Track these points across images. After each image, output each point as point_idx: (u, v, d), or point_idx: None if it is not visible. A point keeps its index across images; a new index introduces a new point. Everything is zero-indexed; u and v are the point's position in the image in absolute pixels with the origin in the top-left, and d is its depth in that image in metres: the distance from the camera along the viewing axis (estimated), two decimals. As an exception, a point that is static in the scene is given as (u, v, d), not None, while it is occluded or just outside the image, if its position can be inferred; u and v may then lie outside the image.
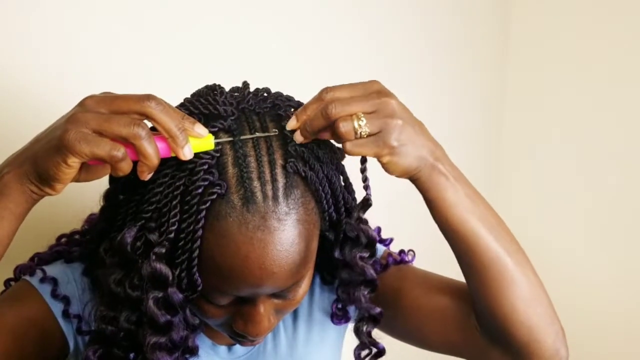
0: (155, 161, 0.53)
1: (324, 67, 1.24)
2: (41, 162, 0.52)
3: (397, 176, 0.61)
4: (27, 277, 0.68)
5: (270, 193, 0.56)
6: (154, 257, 0.56)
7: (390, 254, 0.78)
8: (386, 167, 0.60)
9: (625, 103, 1.53)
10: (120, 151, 0.51)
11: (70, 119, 0.52)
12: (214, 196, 0.55)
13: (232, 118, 0.59)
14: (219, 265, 0.57)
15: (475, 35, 1.61)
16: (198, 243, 0.56)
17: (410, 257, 0.80)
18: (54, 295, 0.67)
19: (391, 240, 0.84)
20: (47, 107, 0.88)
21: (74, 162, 0.52)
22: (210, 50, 1.07)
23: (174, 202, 0.56)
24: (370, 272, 0.67)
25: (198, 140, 0.56)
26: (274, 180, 0.57)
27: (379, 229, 0.83)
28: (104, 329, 0.61)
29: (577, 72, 1.60)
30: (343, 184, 0.65)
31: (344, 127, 0.56)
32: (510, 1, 1.65)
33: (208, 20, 1.06)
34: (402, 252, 0.80)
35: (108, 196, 0.65)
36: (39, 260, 0.72)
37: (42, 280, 0.67)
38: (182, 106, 0.61)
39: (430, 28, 1.49)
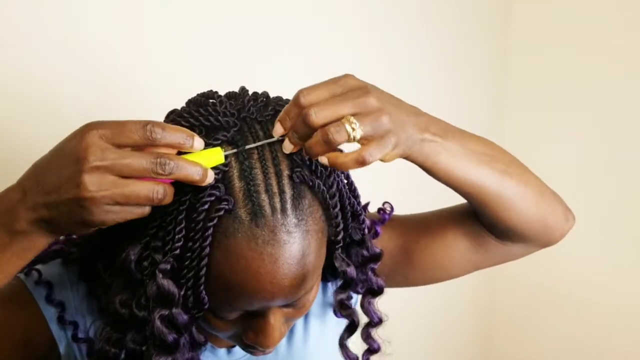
0: (195, 174, 0.52)
1: (322, 65, 1.24)
2: (74, 231, 0.52)
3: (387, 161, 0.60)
4: (23, 277, 0.66)
5: (278, 206, 0.55)
6: (160, 275, 0.55)
7: (373, 221, 0.78)
8: (384, 161, 0.58)
9: (627, 99, 1.54)
10: (146, 210, 0.51)
11: (90, 199, 0.48)
12: (221, 212, 0.54)
13: (235, 129, 0.57)
14: (228, 281, 0.55)
15: (476, 32, 1.62)
16: (205, 261, 0.55)
17: (389, 209, 0.79)
18: (49, 300, 0.65)
19: (367, 204, 0.83)
20: (47, 106, 0.87)
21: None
22: (210, 52, 1.06)
23: (180, 218, 0.55)
24: (379, 282, 0.67)
25: (208, 156, 0.54)
26: (281, 192, 0.55)
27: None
28: (107, 351, 0.60)
29: (578, 66, 1.61)
30: (348, 188, 0.64)
31: (337, 133, 0.53)
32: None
33: (207, 21, 1.05)
34: (380, 210, 0.80)
35: None
36: (36, 258, 0.69)
37: (37, 282, 0.66)
38: (180, 117, 0.58)
39: (431, 26, 1.49)
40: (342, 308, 0.64)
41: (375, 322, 0.70)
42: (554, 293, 1.71)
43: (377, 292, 0.68)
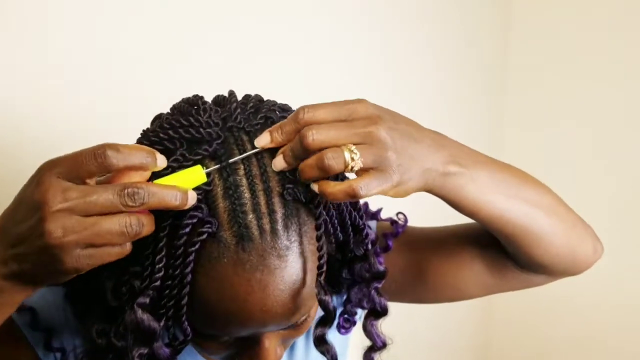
0: (172, 199, 0.47)
1: (322, 65, 1.22)
2: (51, 280, 0.48)
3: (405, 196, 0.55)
4: None
5: (267, 227, 0.50)
6: (138, 310, 0.50)
7: (385, 234, 0.74)
8: (394, 197, 0.53)
9: (628, 103, 1.53)
10: (127, 248, 0.47)
11: (58, 246, 0.44)
12: (204, 236, 0.49)
13: (218, 142, 0.51)
14: (215, 309, 0.51)
15: (476, 33, 1.62)
16: (187, 290, 0.50)
17: (402, 222, 0.75)
18: (33, 327, 0.62)
19: (380, 210, 0.79)
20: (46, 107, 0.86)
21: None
22: (210, 52, 1.04)
23: (160, 245, 0.50)
24: (383, 302, 0.63)
25: (187, 175, 0.49)
26: (271, 211, 0.50)
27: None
28: None
29: (579, 68, 1.61)
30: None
31: (333, 159, 0.48)
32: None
33: (214, 19, 1.03)
34: (393, 222, 0.75)
35: None
36: None
37: (20, 309, 0.62)
38: (161, 129, 0.53)
39: (431, 28, 1.48)
40: (319, 343, 0.59)
41: (378, 346, 0.65)
42: (553, 295, 1.69)
43: (381, 313, 0.63)
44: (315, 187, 0.51)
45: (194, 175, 0.49)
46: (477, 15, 1.60)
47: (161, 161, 0.49)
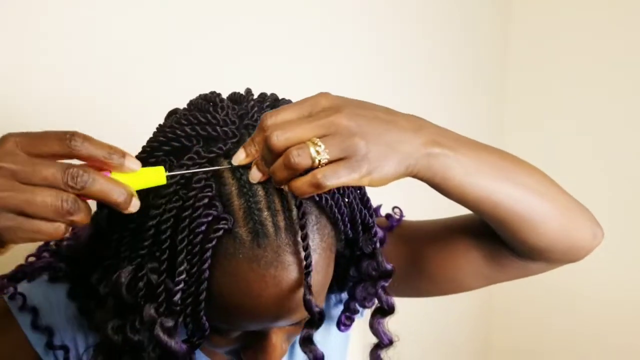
0: (116, 195, 0.46)
1: (324, 66, 1.22)
2: None
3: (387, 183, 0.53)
4: (7, 300, 0.63)
5: (282, 224, 0.50)
6: (159, 332, 0.51)
7: (380, 228, 0.72)
8: (372, 186, 0.51)
9: (628, 104, 1.54)
10: (60, 229, 0.44)
11: None
12: (220, 232, 0.49)
13: (234, 140, 0.52)
14: (228, 303, 0.51)
15: (476, 34, 1.62)
16: (205, 285, 0.50)
17: (398, 215, 0.75)
18: (35, 326, 0.62)
19: (379, 207, 0.78)
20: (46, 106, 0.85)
21: (15, 245, 0.46)
22: (218, 50, 1.04)
23: (180, 247, 0.50)
24: (390, 300, 0.62)
25: (147, 174, 0.48)
26: (285, 209, 0.51)
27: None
28: None
29: (578, 69, 1.62)
30: (360, 199, 0.58)
31: (299, 156, 0.46)
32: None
33: (215, 19, 1.03)
34: (388, 216, 0.75)
35: (97, 224, 0.58)
36: (22, 274, 0.66)
37: (22, 308, 0.62)
38: (178, 124, 0.53)
39: (431, 28, 1.48)
40: (304, 344, 0.58)
41: (385, 343, 0.65)
42: (553, 288, 1.69)
43: (388, 311, 0.63)
44: (286, 188, 0.50)
45: (155, 176, 0.49)
46: (477, 15, 1.61)
47: (132, 164, 0.48)
